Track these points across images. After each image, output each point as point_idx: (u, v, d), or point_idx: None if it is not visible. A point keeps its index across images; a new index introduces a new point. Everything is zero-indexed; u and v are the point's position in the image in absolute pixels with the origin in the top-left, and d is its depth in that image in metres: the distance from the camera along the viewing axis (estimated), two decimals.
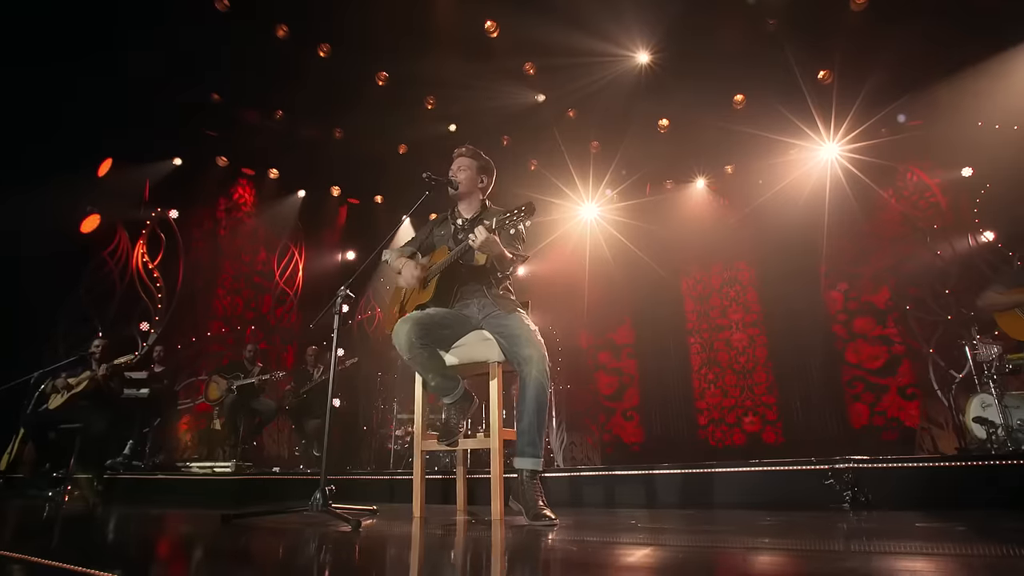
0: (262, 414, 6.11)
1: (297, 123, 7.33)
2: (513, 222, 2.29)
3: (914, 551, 1.25)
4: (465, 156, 2.79)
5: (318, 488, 2.25)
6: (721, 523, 1.94)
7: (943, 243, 5.93)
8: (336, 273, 8.19)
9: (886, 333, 6.46)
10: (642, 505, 2.61)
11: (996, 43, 5.55)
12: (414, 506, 2.44)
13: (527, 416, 2.22)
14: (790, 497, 2.33)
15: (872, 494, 2.17)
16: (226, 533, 1.99)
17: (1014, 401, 4.02)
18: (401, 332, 2.34)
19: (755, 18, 6.02)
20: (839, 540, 1.51)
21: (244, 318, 7.45)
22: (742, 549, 1.38)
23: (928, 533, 1.56)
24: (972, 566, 1.08)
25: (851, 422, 6.45)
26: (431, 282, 2.55)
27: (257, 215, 7.79)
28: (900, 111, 6.67)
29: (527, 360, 2.25)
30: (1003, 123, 5.60)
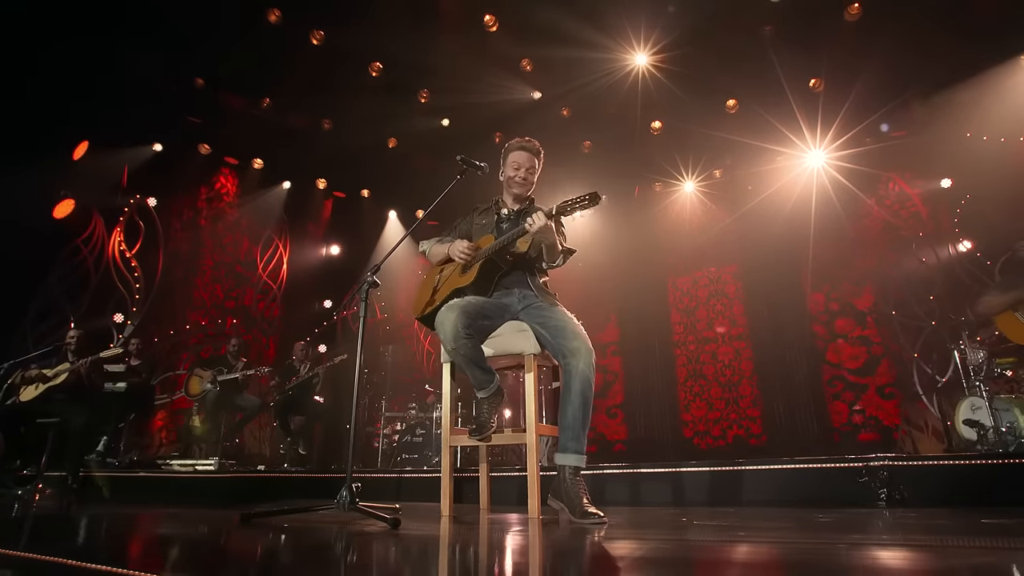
0: (245, 410, 5.91)
1: (285, 112, 7.14)
2: (575, 209, 2.21)
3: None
4: (530, 153, 2.64)
5: (344, 485, 2.14)
6: (776, 520, 1.92)
7: (927, 250, 6.10)
8: (320, 267, 7.99)
9: (866, 334, 6.62)
10: (669, 503, 2.58)
11: (983, 57, 5.73)
12: (443, 504, 2.35)
13: (571, 410, 2.15)
14: (822, 495, 2.33)
15: (907, 492, 2.19)
16: (256, 534, 1.88)
17: (1003, 404, 4.14)
18: (447, 320, 2.24)
19: (750, 25, 6.11)
20: (929, 536, 1.50)
21: (225, 307, 7.21)
22: (843, 545, 1.35)
23: (1000, 529, 1.57)
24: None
25: (831, 420, 6.57)
26: (473, 267, 2.46)
27: (240, 206, 7.55)
28: (884, 121, 6.85)
29: (574, 352, 2.19)
30: (990, 135, 5.79)
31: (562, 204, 2.25)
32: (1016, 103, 5.70)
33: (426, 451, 6.06)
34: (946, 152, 6.33)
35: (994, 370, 4.37)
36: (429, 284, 2.72)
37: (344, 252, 8.17)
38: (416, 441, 6.11)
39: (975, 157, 6.03)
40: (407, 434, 6.16)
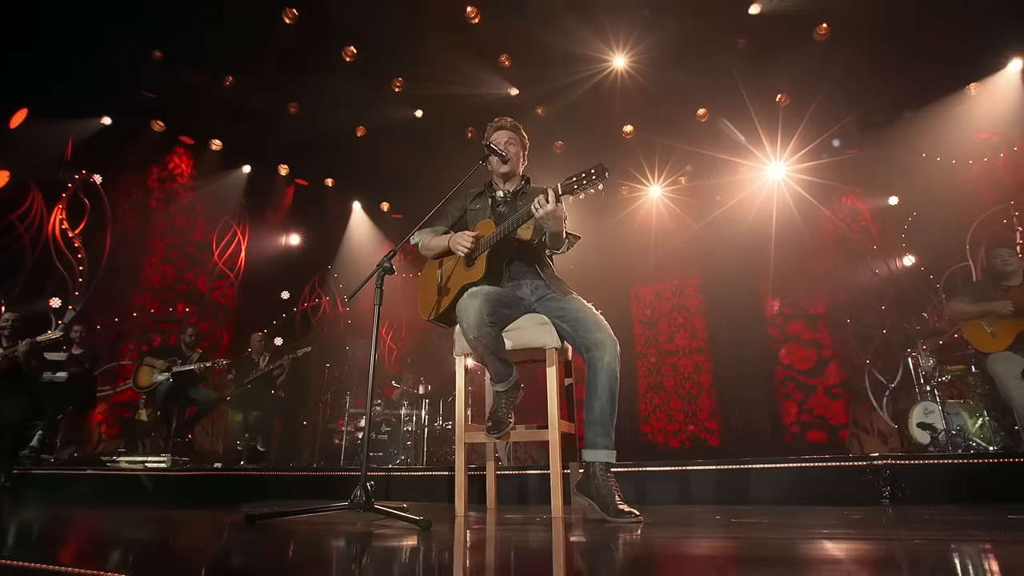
0: (200, 404, 5.58)
1: (248, 92, 6.78)
2: (584, 187, 2.07)
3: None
4: (509, 130, 2.63)
5: (358, 484, 2.02)
6: (804, 517, 1.95)
7: (879, 263, 6.45)
8: (280, 257, 7.65)
9: (816, 337, 6.95)
10: (675, 501, 2.60)
11: (935, 83, 6.11)
12: (457, 504, 2.26)
13: (599, 404, 2.10)
14: (828, 493, 2.41)
15: (909, 490, 2.28)
16: (267, 538, 1.75)
17: (953, 409, 4.42)
18: (470, 307, 2.13)
19: (726, 37, 6.29)
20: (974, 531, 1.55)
21: (176, 291, 6.77)
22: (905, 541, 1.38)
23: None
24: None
25: (782, 419, 6.84)
26: (479, 258, 2.36)
27: (195, 188, 7.12)
28: (839, 137, 7.20)
29: (599, 345, 2.14)
30: (936, 157, 6.18)
31: (567, 182, 2.11)
32: (962, 129, 6.11)
33: (391, 449, 5.92)
34: (895, 171, 6.72)
35: (944, 376, 4.65)
36: (431, 281, 2.61)
37: (304, 242, 7.85)
38: (381, 439, 5.94)
39: (922, 177, 6.42)
40: (372, 431, 5.98)
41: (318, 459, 6.33)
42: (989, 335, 3.80)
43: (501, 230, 2.30)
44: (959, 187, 6.11)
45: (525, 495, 2.87)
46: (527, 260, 2.43)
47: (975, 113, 6.03)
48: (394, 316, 8.26)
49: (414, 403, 6.08)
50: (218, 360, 5.60)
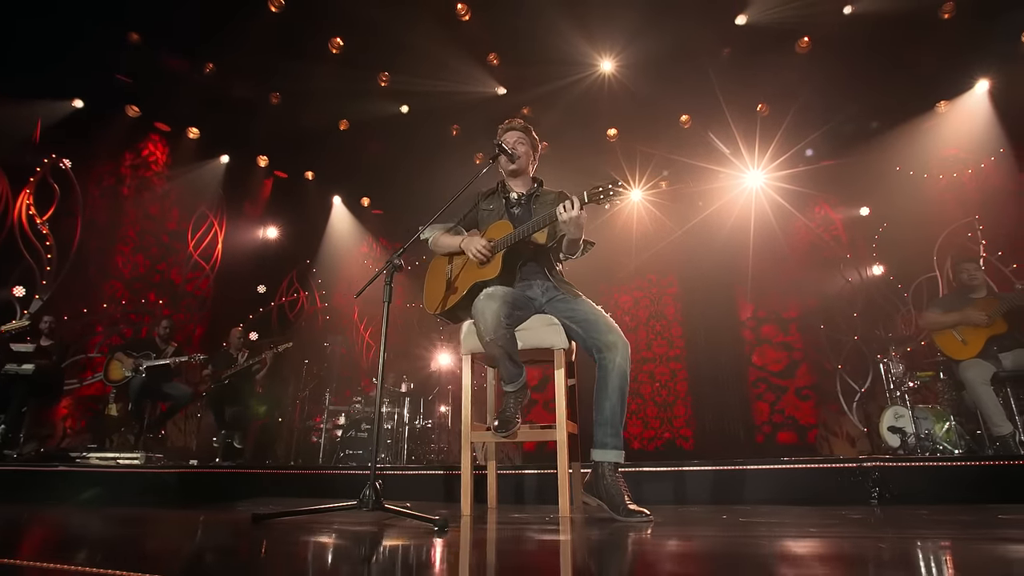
0: (175, 400, 5.42)
1: (230, 81, 6.62)
2: (609, 197, 2.14)
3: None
4: (519, 130, 2.66)
5: (368, 484, 2.00)
6: (808, 517, 2.02)
7: (851, 271, 6.67)
8: (257, 250, 7.48)
9: (788, 340, 7.15)
10: (671, 501, 2.65)
11: (908, 100, 6.35)
12: (463, 504, 2.26)
13: (609, 405, 2.12)
14: (819, 493, 2.49)
15: (897, 491, 2.38)
16: (278, 539, 1.73)
17: (922, 413, 4.61)
18: (488, 309, 2.14)
19: (711, 46, 6.42)
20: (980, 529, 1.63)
21: (149, 280, 6.55)
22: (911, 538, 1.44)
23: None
24: None
25: (754, 419, 7.00)
26: (495, 257, 2.37)
27: (171, 178, 6.91)
28: (813, 147, 7.41)
29: (610, 346, 2.16)
30: (907, 170, 6.42)
31: (592, 191, 2.17)
32: (932, 144, 6.37)
33: (371, 447, 5.84)
34: (866, 182, 6.95)
35: (914, 382, 4.85)
36: (439, 276, 2.61)
37: (283, 236, 7.70)
38: (361, 437, 5.87)
39: (892, 189, 6.67)
40: (351, 429, 5.90)
41: (295, 456, 6.22)
42: (960, 343, 3.98)
43: (523, 231, 2.32)
44: (927, 200, 6.37)
45: (522, 495, 2.89)
46: (539, 262, 2.47)
47: (944, 130, 6.29)
48: (372, 312, 8.17)
49: (395, 401, 6.03)
50: (194, 355, 5.46)
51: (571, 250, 2.36)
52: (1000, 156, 5.76)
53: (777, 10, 5.75)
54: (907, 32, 5.79)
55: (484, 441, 2.39)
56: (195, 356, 5.44)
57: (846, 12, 5.68)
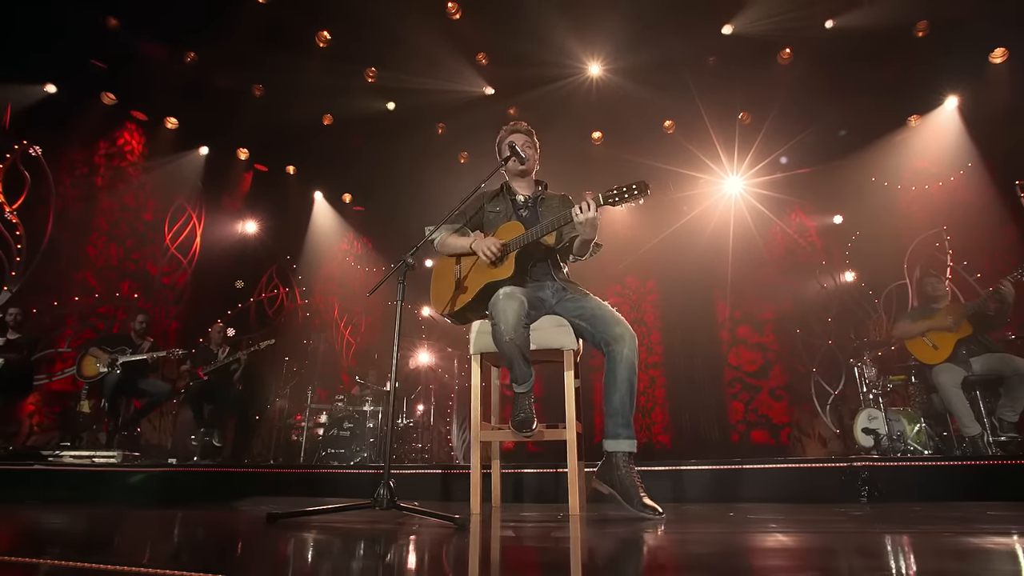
0: (152, 396, 5.28)
1: (212, 71, 6.48)
2: (625, 199, 2.19)
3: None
4: (524, 133, 2.71)
5: (381, 483, 1.99)
6: (814, 514, 2.09)
7: (826, 277, 6.89)
8: (235, 245, 7.31)
9: (763, 341, 7.34)
10: (670, 500, 2.71)
11: (881, 113, 6.58)
12: (472, 503, 2.27)
13: (619, 396, 2.17)
14: (811, 493, 2.58)
15: (885, 489, 2.49)
16: (297, 537, 1.72)
17: (894, 416, 4.80)
18: (509, 308, 2.15)
19: (697, 55, 6.54)
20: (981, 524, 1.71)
21: (123, 270, 6.35)
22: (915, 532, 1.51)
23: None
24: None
25: (729, 418, 7.16)
26: (508, 257, 2.39)
27: (146, 168, 6.71)
28: (790, 155, 7.61)
29: (618, 338, 2.21)
30: (880, 180, 6.66)
31: (608, 193, 2.22)
32: (903, 156, 6.62)
33: (354, 446, 5.80)
34: (840, 191, 7.18)
35: (887, 385, 5.04)
36: (448, 275, 2.60)
37: (262, 230, 7.54)
38: (343, 435, 5.81)
39: (865, 198, 6.90)
40: (333, 427, 5.84)
41: (274, 455, 6.12)
42: (932, 348, 4.17)
43: (536, 231, 2.35)
44: (898, 211, 6.61)
45: (521, 493, 2.91)
46: (548, 264, 2.52)
47: (915, 143, 6.54)
48: (352, 309, 8.08)
49: (379, 400, 5.99)
50: (173, 350, 5.33)
51: (582, 251, 2.41)
52: (968, 170, 6.02)
53: (762, 21, 5.91)
54: (884, 47, 6.02)
55: (494, 440, 2.40)
56: (173, 351, 5.31)
57: (828, 26, 5.87)
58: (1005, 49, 5.95)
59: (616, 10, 5.92)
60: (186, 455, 5.45)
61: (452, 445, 7.71)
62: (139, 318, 5.46)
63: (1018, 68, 5.86)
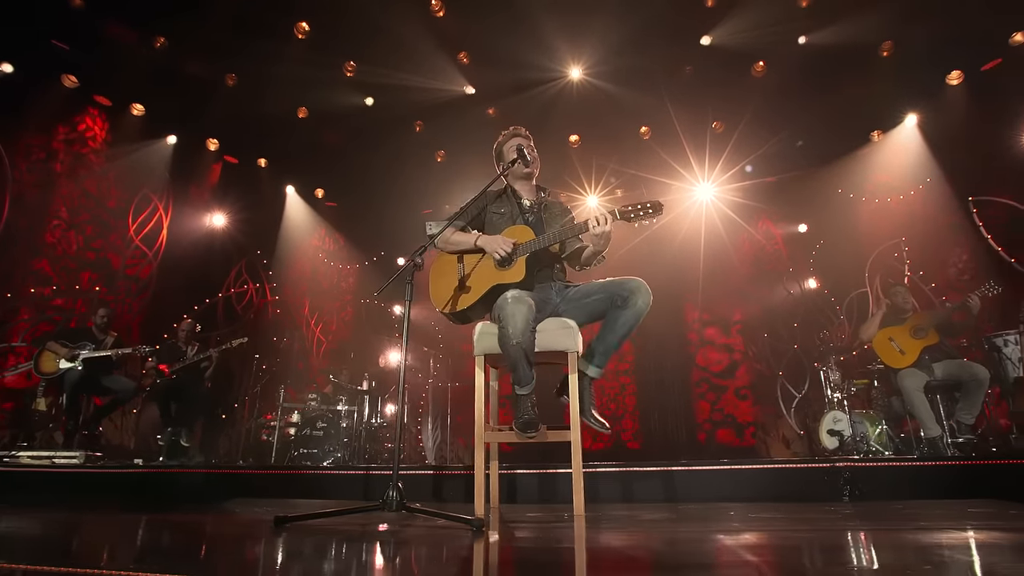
0: (117, 394, 5.06)
1: (183, 58, 6.26)
2: (639, 216, 2.29)
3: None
4: (525, 137, 2.73)
5: (391, 484, 1.97)
6: (811, 513, 2.17)
7: (794, 284, 7.13)
8: (203, 238, 7.07)
9: (729, 342, 7.56)
10: (659, 500, 2.76)
11: (848, 126, 6.86)
12: (476, 504, 2.26)
13: (612, 336, 2.34)
14: (795, 492, 2.68)
15: (865, 488, 2.60)
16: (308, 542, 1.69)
17: (857, 418, 5.01)
18: (518, 313, 2.17)
19: (674, 63, 6.68)
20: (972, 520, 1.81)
21: (83, 258, 6.05)
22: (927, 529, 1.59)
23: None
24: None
25: (696, 418, 7.33)
26: (518, 261, 2.41)
27: (109, 157, 6.42)
28: (758, 164, 7.85)
29: (635, 290, 2.31)
30: (851, 192, 6.94)
31: (624, 209, 2.32)
32: (866, 169, 6.92)
33: (327, 446, 5.69)
34: (805, 201, 7.44)
35: (850, 389, 5.26)
36: (448, 275, 2.58)
37: (231, 224, 7.32)
38: (316, 435, 5.70)
39: (829, 209, 7.19)
40: (306, 427, 5.72)
41: (243, 455, 5.95)
42: (899, 353, 4.38)
43: (548, 238, 2.40)
44: (860, 221, 6.91)
45: (514, 494, 2.92)
46: (553, 269, 2.57)
47: (877, 157, 6.85)
48: (324, 306, 7.93)
49: (353, 399, 5.90)
50: (139, 346, 5.12)
51: (588, 261, 2.47)
52: (927, 185, 6.34)
53: (739, 34, 6.08)
54: (851, 64, 6.28)
55: (498, 441, 2.40)
56: (139, 348, 5.11)
57: (800, 42, 6.09)
58: (961, 72, 6.29)
59: (600, 16, 5.99)
60: (150, 455, 5.25)
61: (423, 446, 7.66)
62: (100, 312, 5.22)
63: (972, 90, 6.21)
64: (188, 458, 5.33)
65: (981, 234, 5.78)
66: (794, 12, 5.86)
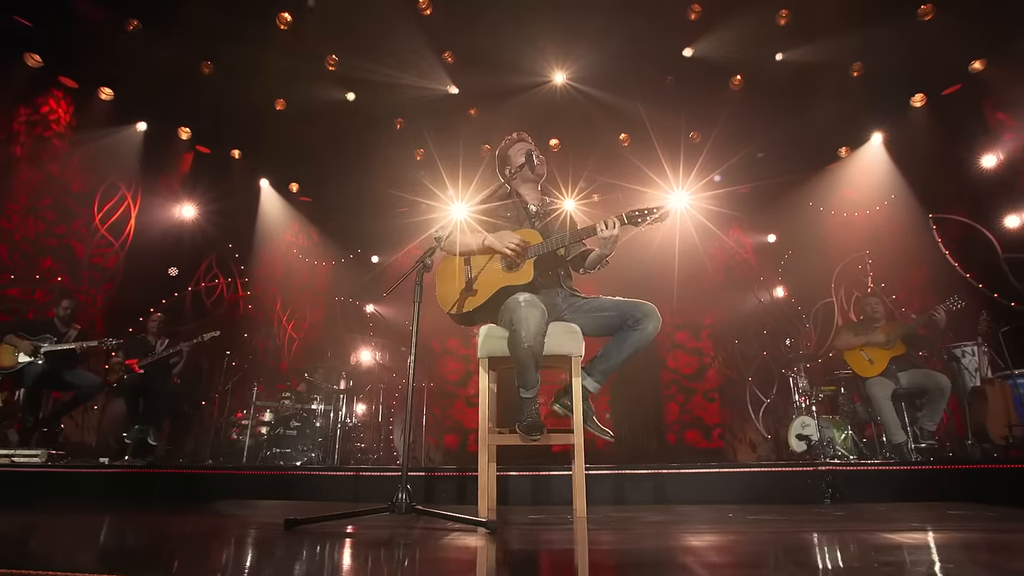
0: (81, 390, 4.85)
1: (158, 42, 6.03)
2: (645, 221, 2.32)
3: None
4: (529, 143, 2.76)
5: (400, 486, 1.95)
6: (804, 514, 2.25)
7: (764, 292, 7.36)
8: (171, 229, 6.83)
9: (699, 346, 7.74)
10: (651, 502, 2.81)
11: (824, 141, 7.13)
12: (480, 506, 2.27)
13: (617, 354, 2.38)
14: (781, 494, 2.78)
15: (845, 491, 2.72)
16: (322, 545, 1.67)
17: (824, 423, 5.21)
18: (532, 317, 2.18)
19: (655, 73, 6.81)
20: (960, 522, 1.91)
21: (43, 245, 5.76)
22: None
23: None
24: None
25: (665, 419, 7.47)
26: (526, 264, 2.42)
27: (75, 142, 6.14)
28: (731, 174, 8.05)
29: (648, 314, 2.35)
30: (820, 206, 7.20)
31: (631, 213, 2.36)
32: (834, 184, 7.21)
33: (301, 445, 5.59)
34: (775, 211, 7.69)
35: (818, 395, 5.46)
36: (453, 275, 2.58)
37: (201, 216, 7.09)
38: (290, 434, 5.59)
39: (798, 220, 7.44)
40: (279, 426, 5.61)
41: (212, 455, 5.77)
42: (868, 362, 4.57)
43: (556, 241, 2.42)
44: (827, 233, 7.19)
45: (506, 496, 2.93)
46: (558, 273, 2.60)
47: (845, 172, 7.14)
48: (296, 303, 7.76)
49: (328, 399, 5.80)
50: (105, 340, 4.91)
51: (593, 265, 2.50)
52: (892, 201, 6.63)
53: (720, 48, 6.24)
54: (823, 83, 6.51)
55: (500, 444, 2.40)
56: (106, 341, 4.90)
57: (778, 58, 6.30)
58: (924, 95, 6.61)
59: (587, 23, 6.06)
60: (113, 453, 5.04)
61: (395, 446, 7.58)
62: (64, 303, 4.99)
63: (934, 113, 6.54)
64: (155, 456, 5.15)
65: (940, 250, 6.08)
66: (773, 30, 6.05)
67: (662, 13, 6.06)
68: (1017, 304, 5.49)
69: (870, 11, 5.79)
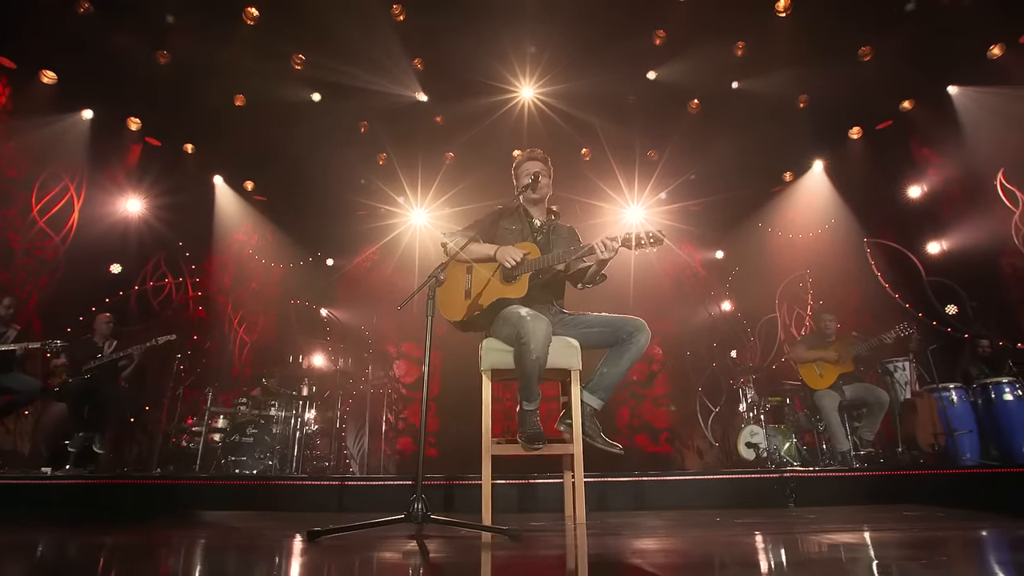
0: (18, 394, 4.51)
1: (110, 27, 5.73)
2: (642, 246, 2.44)
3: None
4: (540, 161, 2.83)
5: (415, 496, 1.98)
6: (792, 516, 2.42)
7: (714, 306, 7.73)
8: (116, 224, 6.45)
9: (650, 353, 8.02)
10: (632, 508, 2.94)
11: (770, 166, 7.58)
12: (484, 514, 2.31)
13: (615, 370, 2.49)
14: (750, 499, 2.97)
15: (807, 496, 2.94)
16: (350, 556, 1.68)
17: (772, 432, 5.54)
18: (539, 330, 2.26)
19: (619, 92, 7.06)
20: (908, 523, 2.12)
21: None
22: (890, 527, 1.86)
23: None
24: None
25: (616, 423, 7.71)
26: (521, 277, 2.50)
27: (12, 128, 5.71)
28: (681, 193, 8.41)
29: (639, 328, 2.47)
30: (772, 227, 7.64)
31: (627, 237, 2.48)
32: (779, 206, 7.68)
33: (257, 453, 5.41)
34: (724, 229, 8.11)
35: (765, 405, 5.80)
36: (457, 284, 2.62)
37: (149, 211, 6.73)
38: (247, 441, 5.41)
39: (745, 238, 7.88)
40: (235, 433, 5.41)
41: (160, 463, 5.48)
42: (818, 375, 4.92)
43: (556, 257, 2.50)
44: (772, 252, 7.65)
45: (498, 504, 2.97)
46: (551, 289, 2.70)
47: (789, 195, 7.63)
48: (248, 305, 7.49)
49: (287, 404, 5.65)
50: (49, 342, 4.61)
51: (591, 280, 2.60)
52: (832, 225, 7.15)
53: (682, 72, 6.55)
54: (773, 111, 6.95)
55: (502, 454, 2.46)
56: (50, 343, 4.59)
57: (734, 86, 6.68)
58: (860, 128, 7.18)
59: (557, 38, 6.22)
60: (58, 462, 4.72)
61: (348, 452, 7.44)
62: (6, 301, 4.65)
63: (869, 145, 7.10)
64: (97, 465, 4.85)
65: (873, 271, 6.61)
66: (731, 60, 6.42)
67: (629, 36, 6.31)
68: (938, 324, 6.06)
69: (817, 48, 6.24)
